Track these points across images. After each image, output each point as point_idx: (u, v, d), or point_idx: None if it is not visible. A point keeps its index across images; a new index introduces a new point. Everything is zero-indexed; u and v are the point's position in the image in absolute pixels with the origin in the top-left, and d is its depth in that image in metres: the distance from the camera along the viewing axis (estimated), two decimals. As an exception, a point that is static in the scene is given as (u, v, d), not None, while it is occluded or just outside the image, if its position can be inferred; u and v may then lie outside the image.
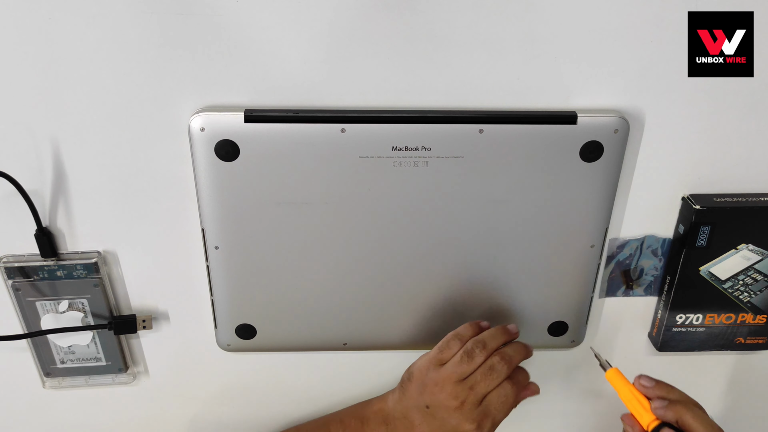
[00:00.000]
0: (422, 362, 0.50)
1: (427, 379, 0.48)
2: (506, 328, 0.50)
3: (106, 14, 0.41)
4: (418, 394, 0.49)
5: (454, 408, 0.47)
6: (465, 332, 0.49)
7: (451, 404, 0.47)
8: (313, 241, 0.49)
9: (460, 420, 0.47)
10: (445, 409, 0.47)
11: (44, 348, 0.55)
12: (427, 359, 0.49)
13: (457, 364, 0.47)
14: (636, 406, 0.47)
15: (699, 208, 0.49)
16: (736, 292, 0.54)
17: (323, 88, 0.44)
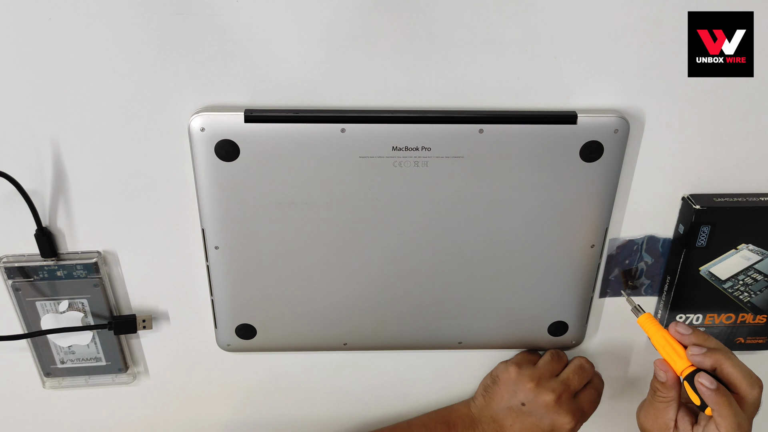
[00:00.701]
0: (507, 365, 0.52)
1: (521, 377, 0.51)
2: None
3: (106, 14, 0.41)
4: (510, 394, 0.51)
5: (553, 402, 0.49)
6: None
7: (549, 399, 0.49)
8: (313, 241, 0.49)
9: (558, 413, 0.49)
10: (543, 404, 0.49)
11: (44, 348, 0.55)
12: (513, 362, 0.53)
13: (548, 362, 0.51)
14: (670, 352, 0.47)
15: (699, 208, 0.49)
16: (736, 292, 0.54)
17: (323, 88, 0.44)
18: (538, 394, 0.50)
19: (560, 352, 0.53)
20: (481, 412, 0.53)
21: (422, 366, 0.60)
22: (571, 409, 0.50)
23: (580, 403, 0.51)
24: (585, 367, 0.52)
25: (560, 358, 0.52)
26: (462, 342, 0.55)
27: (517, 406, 0.50)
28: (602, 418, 0.64)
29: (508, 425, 0.51)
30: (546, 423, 0.49)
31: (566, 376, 0.51)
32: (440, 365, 0.60)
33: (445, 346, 0.56)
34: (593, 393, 0.52)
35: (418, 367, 0.60)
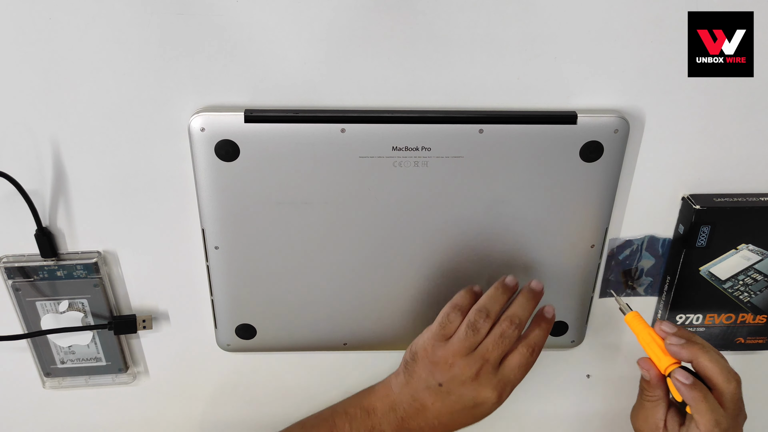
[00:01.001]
0: (425, 340, 0.48)
1: (435, 357, 0.46)
2: (504, 284, 0.47)
3: (106, 14, 0.41)
4: (427, 373, 0.47)
5: (471, 379, 0.45)
6: (462, 302, 0.47)
7: (467, 376, 0.45)
8: (313, 241, 0.49)
9: (478, 390, 0.46)
10: (460, 383, 0.46)
11: (44, 348, 0.55)
12: (429, 336, 0.47)
13: (463, 339, 0.46)
14: (655, 350, 0.46)
15: (699, 208, 0.49)
16: (736, 292, 0.54)
17: (323, 88, 0.44)
18: (453, 374, 0.46)
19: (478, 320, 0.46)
20: (402, 390, 0.49)
21: (422, 366, 0.60)
22: (493, 383, 0.46)
23: (506, 372, 0.46)
24: (506, 333, 0.45)
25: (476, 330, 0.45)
26: (462, 342, 0.55)
27: (435, 386, 0.46)
28: (603, 418, 0.64)
29: (429, 404, 0.47)
30: (467, 400, 0.46)
31: (485, 348, 0.45)
32: (440, 365, 0.60)
33: (445, 346, 0.56)
34: (524, 354, 0.46)
35: (418, 367, 0.60)
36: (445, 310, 0.47)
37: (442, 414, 0.47)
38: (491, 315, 0.46)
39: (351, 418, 0.51)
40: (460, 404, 0.46)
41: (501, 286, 0.47)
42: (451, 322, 0.47)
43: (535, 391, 0.62)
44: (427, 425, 0.48)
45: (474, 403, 0.46)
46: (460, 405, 0.46)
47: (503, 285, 0.47)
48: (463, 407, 0.46)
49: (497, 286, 0.47)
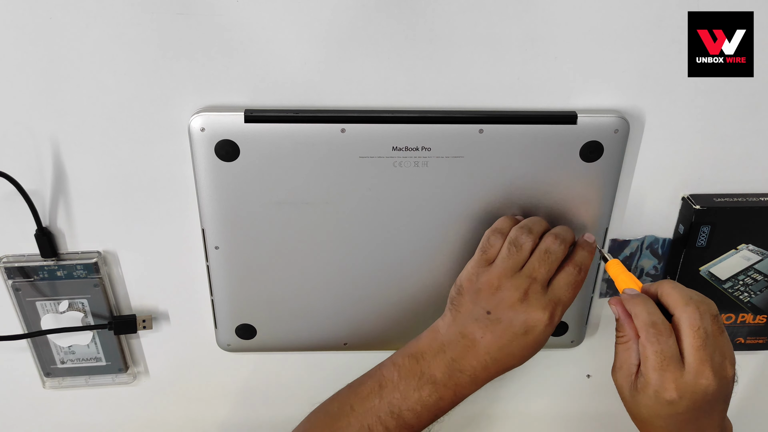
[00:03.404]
0: (468, 271, 0.45)
1: (479, 284, 0.44)
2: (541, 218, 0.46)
3: (106, 14, 0.41)
4: (473, 303, 0.44)
5: (519, 301, 0.42)
6: (503, 225, 0.45)
7: (514, 298, 0.42)
8: (313, 241, 0.49)
9: (527, 312, 0.42)
10: (508, 306, 0.43)
11: (44, 348, 0.55)
12: (472, 265, 0.45)
13: (506, 258, 0.43)
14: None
15: (699, 208, 0.49)
16: (736, 292, 0.54)
17: (323, 88, 0.44)
18: (500, 297, 0.43)
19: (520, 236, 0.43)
20: (449, 329, 0.45)
21: (422, 366, 0.60)
22: (543, 303, 0.42)
23: (555, 291, 0.43)
24: (552, 248, 0.43)
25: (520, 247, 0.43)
26: (462, 342, 0.55)
27: (483, 315, 0.43)
28: (603, 418, 0.64)
29: (479, 338, 0.44)
30: (517, 326, 0.43)
31: (531, 267, 0.43)
32: (440, 365, 0.60)
33: (445, 346, 0.56)
34: (572, 273, 0.44)
35: (418, 367, 0.60)
36: (486, 234, 0.45)
37: (492, 348, 0.44)
38: (533, 231, 0.44)
39: (399, 368, 0.47)
40: (510, 332, 0.43)
41: (540, 218, 0.46)
42: (492, 245, 0.44)
43: (535, 391, 0.62)
44: (479, 364, 0.44)
45: (524, 328, 0.43)
46: (510, 333, 0.43)
47: (541, 218, 0.46)
48: (514, 335, 0.43)
49: (536, 217, 0.46)
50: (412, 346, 0.48)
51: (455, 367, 0.44)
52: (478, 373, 0.44)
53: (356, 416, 0.46)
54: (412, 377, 0.45)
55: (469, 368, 0.44)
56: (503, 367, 0.44)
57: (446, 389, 0.45)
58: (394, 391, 0.46)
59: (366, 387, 0.47)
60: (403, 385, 0.45)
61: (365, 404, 0.46)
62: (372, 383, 0.47)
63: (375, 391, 0.46)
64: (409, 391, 0.45)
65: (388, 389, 0.46)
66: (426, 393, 0.45)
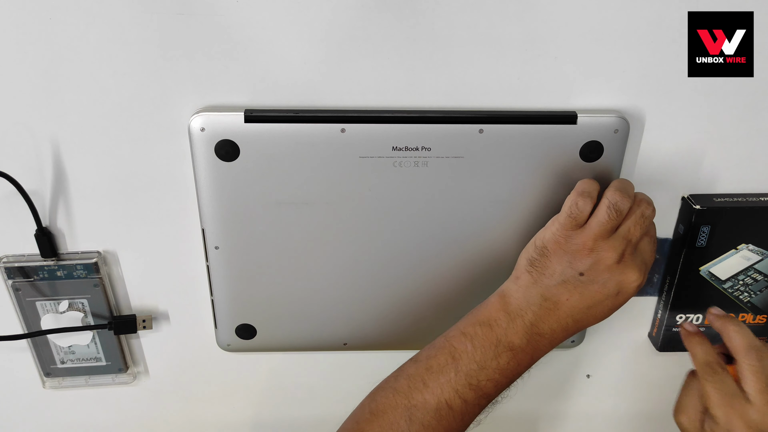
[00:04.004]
0: (554, 233, 0.44)
1: (571, 246, 0.43)
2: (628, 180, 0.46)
3: (106, 14, 0.41)
4: (565, 265, 0.43)
5: (615, 262, 0.43)
6: (590, 188, 0.45)
7: (612, 260, 0.43)
8: (313, 241, 0.49)
9: (624, 273, 0.43)
10: (605, 268, 0.43)
11: (44, 348, 0.55)
12: (558, 227, 0.44)
13: (605, 221, 0.43)
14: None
15: (699, 208, 0.49)
16: (736, 292, 0.54)
17: (323, 88, 0.44)
18: (597, 258, 0.43)
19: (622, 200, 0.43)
20: (527, 291, 0.44)
21: (422, 366, 0.60)
22: (637, 263, 0.43)
23: (642, 254, 0.44)
24: (646, 213, 0.43)
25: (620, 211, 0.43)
26: (462, 342, 0.55)
27: (574, 277, 0.43)
28: (603, 418, 0.64)
29: (564, 300, 0.43)
30: (611, 287, 0.43)
31: (627, 229, 0.43)
32: (440, 365, 0.60)
33: (445, 346, 0.56)
34: (650, 239, 0.45)
35: (418, 367, 0.60)
36: (572, 198, 0.44)
37: (576, 309, 0.44)
38: (630, 195, 0.44)
39: (471, 338, 0.45)
40: (602, 293, 0.43)
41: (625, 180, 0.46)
42: (582, 210, 0.43)
43: (535, 391, 0.62)
44: (559, 326, 0.44)
45: (618, 288, 0.43)
46: (602, 294, 0.43)
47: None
48: (606, 296, 0.43)
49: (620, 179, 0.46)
50: (480, 313, 0.46)
51: (534, 330, 0.44)
52: (557, 334, 0.44)
53: (431, 392, 0.44)
54: (489, 346, 0.44)
55: (549, 331, 0.44)
56: (583, 326, 0.45)
57: (524, 354, 0.44)
58: (470, 362, 0.44)
59: (437, 360, 0.45)
60: (480, 355, 0.44)
61: (440, 378, 0.44)
62: (443, 356, 0.45)
63: (449, 363, 0.44)
64: (487, 361, 0.44)
65: (463, 361, 0.44)
66: (504, 360, 0.44)
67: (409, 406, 0.44)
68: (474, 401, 0.44)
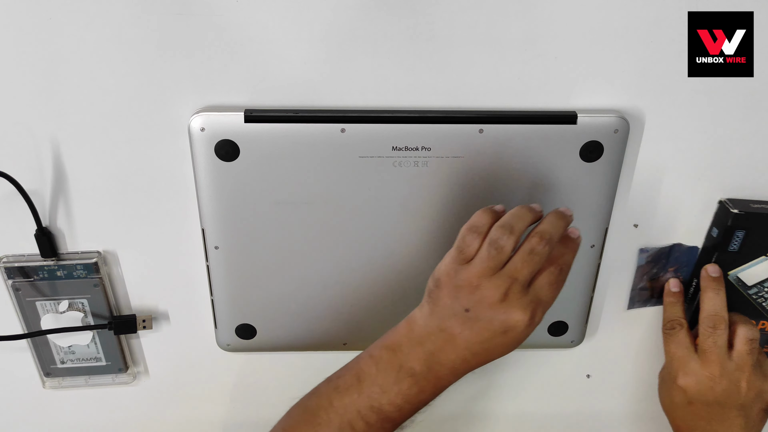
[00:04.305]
0: (446, 265, 0.43)
1: (458, 281, 0.42)
2: (528, 205, 0.43)
3: (106, 14, 0.41)
4: (452, 299, 0.42)
5: (499, 301, 0.41)
6: (479, 221, 0.43)
7: (494, 298, 0.41)
8: (313, 241, 0.49)
9: (507, 312, 0.41)
10: (488, 306, 0.41)
11: (44, 348, 0.55)
12: (449, 260, 0.43)
13: (486, 258, 0.41)
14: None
15: (736, 212, 0.48)
16: (759, 299, 0.53)
17: (323, 88, 0.44)
18: (479, 296, 0.41)
19: (501, 237, 0.41)
20: (427, 320, 0.44)
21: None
22: (523, 304, 0.41)
23: (536, 291, 0.42)
24: (536, 249, 0.41)
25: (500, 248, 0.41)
26: (462, 342, 0.55)
27: (461, 312, 0.42)
28: (603, 418, 0.64)
29: (457, 333, 0.42)
30: (496, 325, 0.41)
31: (514, 267, 0.41)
32: (440, 365, 0.60)
33: (445, 346, 0.56)
34: (553, 273, 0.42)
35: (418, 367, 0.60)
36: (462, 232, 0.43)
37: (472, 343, 0.42)
38: (515, 231, 0.42)
39: (376, 361, 0.45)
40: (489, 330, 0.42)
41: (525, 207, 0.43)
42: (469, 245, 0.42)
43: (535, 391, 0.62)
44: (458, 357, 0.43)
45: (504, 327, 0.41)
46: (490, 331, 0.42)
47: (528, 206, 0.43)
48: (493, 333, 0.42)
49: (521, 206, 0.43)
50: (389, 337, 0.46)
51: (434, 359, 0.43)
52: (458, 365, 0.43)
53: (336, 412, 0.45)
54: (391, 370, 0.44)
55: (449, 362, 0.43)
56: (483, 360, 0.43)
57: (426, 381, 0.44)
58: (372, 384, 0.44)
59: (344, 381, 0.46)
60: (382, 378, 0.44)
61: (344, 399, 0.45)
62: (350, 377, 0.46)
63: (354, 385, 0.45)
64: (389, 384, 0.44)
65: (366, 383, 0.44)
66: (406, 386, 0.43)
67: (315, 424, 0.45)
68: (377, 424, 0.44)
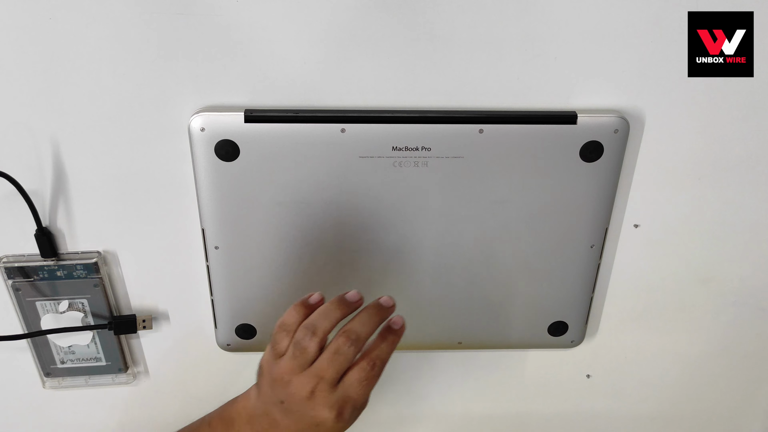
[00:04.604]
0: (266, 355, 0.45)
1: (273, 374, 0.44)
2: (342, 298, 0.44)
3: (106, 14, 0.41)
4: (270, 389, 0.45)
5: (306, 398, 0.42)
6: (288, 320, 0.44)
7: (301, 395, 0.43)
8: (313, 241, 0.49)
9: (314, 409, 0.43)
10: (298, 401, 0.43)
11: (44, 348, 0.55)
12: (268, 353, 0.45)
13: (291, 358, 0.43)
14: None
15: None
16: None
17: (323, 88, 0.44)
18: (290, 392, 0.43)
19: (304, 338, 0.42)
20: (255, 403, 0.46)
21: (422, 366, 0.60)
22: (330, 402, 0.42)
23: (345, 389, 0.43)
24: (341, 350, 0.42)
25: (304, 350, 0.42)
26: (462, 342, 0.55)
27: (278, 402, 0.44)
28: (603, 418, 0.64)
29: (279, 419, 0.44)
30: (307, 420, 0.43)
31: (320, 366, 0.42)
32: (440, 365, 0.60)
33: (445, 346, 0.56)
34: (364, 369, 0.43)
35: (418, 367, 0.60)
36: (275, 328, 0.45)
37: (292, 431, 0.45)
38: (318, 332, 0.42)
39: (212, 430, 0.49)
40: (303, 422, 0.44)
41: (337, 301, 0.44)
42: (279, 342, 0.44)
43: (535, 391, 0.62)
44: None
45: (314, 422, 0.43)
46: (304, 423, 0.44)
47: (340, 299, 0.44)
48: (307, 425, 0.44)
49: (333, 301, 0.44)
50: (228, 408, 0.50)
51: None
52: None
53: None
54: None
55: None
56: None
57: None
58: None
59: None
60: None
61: None
62: None
63: None
64: None
65: None
66: None
67: None
68: None
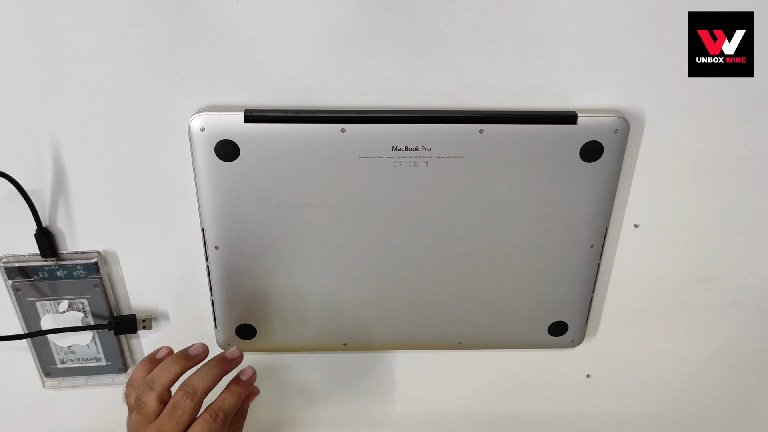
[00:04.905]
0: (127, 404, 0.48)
1: (128, 424, 0.46)
2: (185, 352, 0.47)
3: (107, 14, 0.41)
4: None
5: None
6: (135, 375, 0.47)
7: None
8: (313, 241, 0.49)
9: None
10: None
11: (44, 348, 0.55)
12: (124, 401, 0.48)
13: (136, 413, 0.45)
14: None
15: None
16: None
17: (323, 88, 0.44)
18: None
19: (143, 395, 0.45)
20: None
21: (422, 366, 0.60)
22: None
23: None
24: (179, 404, 0.44)
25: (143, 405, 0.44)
26: (462, 342, 0.55)
27: None
28: (603, 418, 0.64)
29: None
30: None
31: (161, 421, 0.44)
32: (440, 365, 0.60)
33: (445, 346, 0.56)
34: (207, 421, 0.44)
35: (418, 367, 0.60)
36: (127, 381, 0.47)
37: None
38: (155, 387, 0.45)
39: None
40: None
41: (178, 355, 0.46)
42: (128, 397, 0.46)
43: (535, 391, 0.62)
44: None
45: None
46: None
47: (181, 353, 0.46)
48: None
49: (174, 355, 0.46)
50: None
51: None
52: None
53: None
54: None
55: None
56: None
57: None
58: None
59: None
60: None
61: None
62: None
63: None
64: None
65: None
66: None
67: None
68: None
